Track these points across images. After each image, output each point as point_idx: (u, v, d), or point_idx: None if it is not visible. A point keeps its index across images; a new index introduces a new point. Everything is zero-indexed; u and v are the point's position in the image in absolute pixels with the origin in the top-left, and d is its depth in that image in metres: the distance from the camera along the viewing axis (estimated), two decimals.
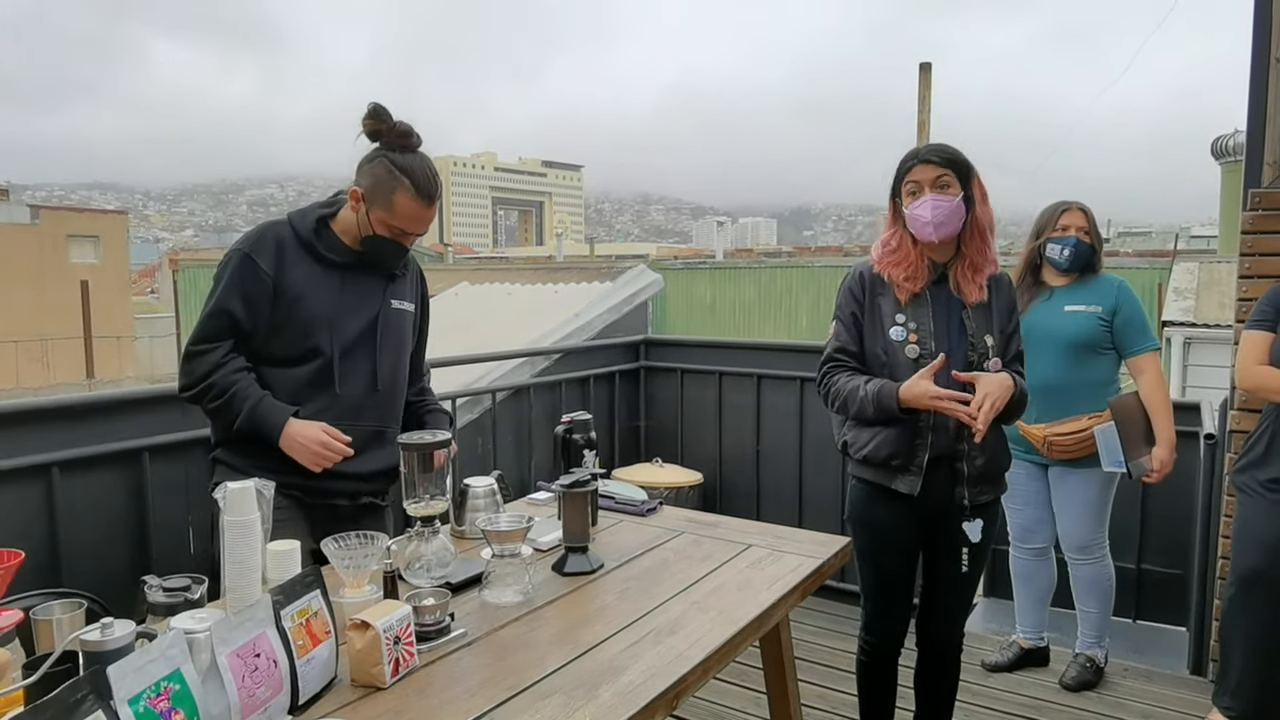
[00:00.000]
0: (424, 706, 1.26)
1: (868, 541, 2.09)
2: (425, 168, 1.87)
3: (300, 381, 1.89)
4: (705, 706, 2.72)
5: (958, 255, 1.99)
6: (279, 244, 1.88)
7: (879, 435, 1.98)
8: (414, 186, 1.83)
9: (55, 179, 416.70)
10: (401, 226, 1.88)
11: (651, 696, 1.29)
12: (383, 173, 1.84)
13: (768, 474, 3.81)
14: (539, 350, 3.82)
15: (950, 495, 1.99)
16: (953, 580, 2.07)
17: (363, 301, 1.95)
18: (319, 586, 1.36)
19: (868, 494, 2.05)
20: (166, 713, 1.06)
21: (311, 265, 1.90)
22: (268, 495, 1.54)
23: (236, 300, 1.85)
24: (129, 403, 2.30)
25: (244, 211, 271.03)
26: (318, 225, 1.92)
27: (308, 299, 1.88)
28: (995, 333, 2.00)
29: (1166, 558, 3.32)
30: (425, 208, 1.87)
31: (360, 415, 1.93)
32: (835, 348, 2.03)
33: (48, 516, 2.10)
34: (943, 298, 1.99)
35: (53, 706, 0.94)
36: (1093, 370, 2.72)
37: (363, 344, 1.94)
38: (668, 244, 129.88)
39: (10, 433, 2.08)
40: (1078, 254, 2.71)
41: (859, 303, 2.01)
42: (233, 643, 1.17)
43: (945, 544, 2.04)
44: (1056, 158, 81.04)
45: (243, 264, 1.86)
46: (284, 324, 1.87)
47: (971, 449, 1.97)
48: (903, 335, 1.96)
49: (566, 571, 1.78)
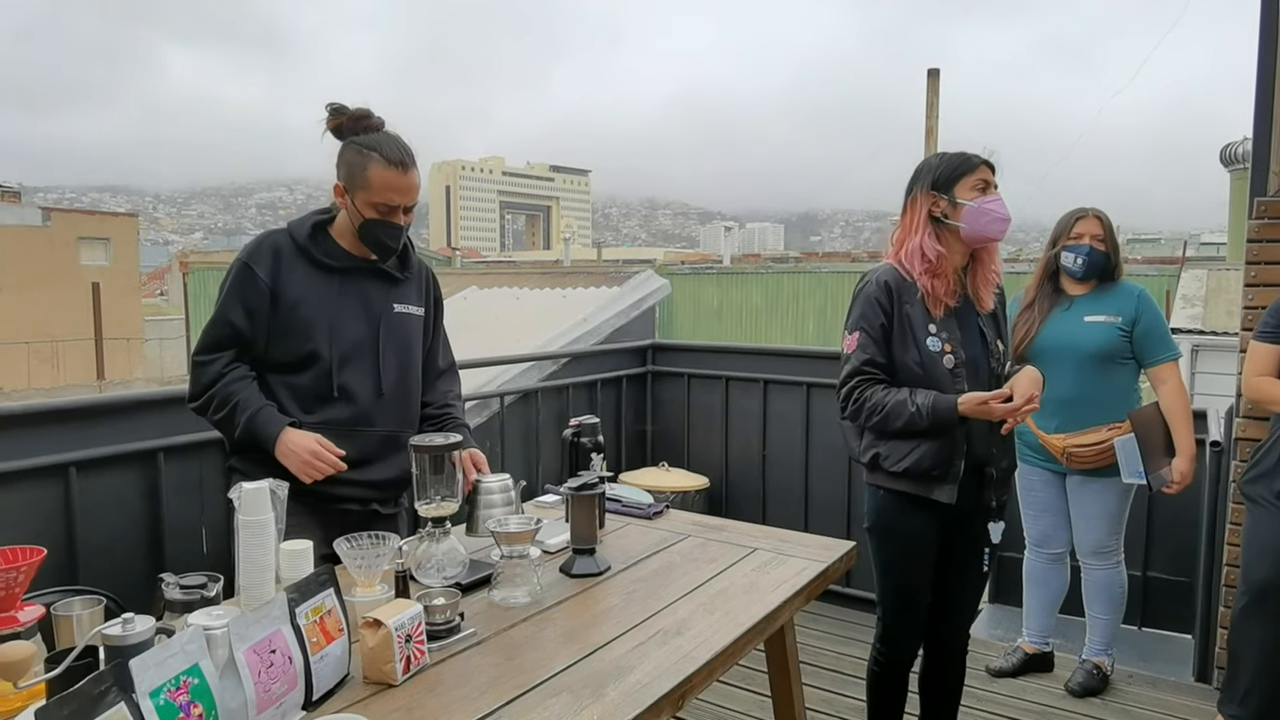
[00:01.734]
0: (434, 704, 1.29)
1: (896, 552, 2.06)
2: (392, 139, 1.87)
3: (304, 388, 1.89)
4: (711, 710, 2.74)
5: (973, 263, 2.01)
6: (275, 252, 1.89)
7: (919, 448, 1.94)
8: (384, 156, 1.83)
9: (66, 181, 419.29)
10: (383, 200, 1.85)
11: (658, 696, 1.31)
12: (352, 155, 1.86)
13: (773, 479, 3.83)
14: (547, 354, 3.85)
15: (977, 500, 2.00)
16: (970, 582, 2.09)
17: (363, 306, 1.94)
18: (333, 585, 1.38)
19: (897, 504, 2.01)
20: (186, 706, 1.08)
21: (309, 271, 1.90)
22: (282, 496, 1.57)
23: (237, 310, 1.87)
24: (145, 404, 2.33)
25: (253, 215, 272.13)
26: (314, 231, 1.93)
27: (305, 305, 1.88)
28: (1005, 338, 2.03)
29: (1173, 565, 3.32)
30: (401, 174, 1.85)
31: (369, 421, 1.93)
32: (863, 360, 1.96)
33: (65, 516, 2.14)
34: (964, 307, 2.00)
35: (78, 698, 0.97)
36: (1113, 381, 2.72)
37: (364, 349, 1.93)
38: (675, 249, 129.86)
39: (28, 433, 2.12)
40: (1091, 262, 2.72)
41: (886, 314, 1.95)
42: (249, 639, 1.20)
43: (964, 547, 2.05)
44: (1066, 164, 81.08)
45: (241, 273, 1.88)
46: (284, 331, 1.88)
47: (999, 453, 1.99)
48: (938, 346, 1.94)
49: (574, 573, 1.81)
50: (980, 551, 2.03)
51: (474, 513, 1.86)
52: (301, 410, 1.89)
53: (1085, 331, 2.71)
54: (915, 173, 2.02)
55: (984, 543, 2.03)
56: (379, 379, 1.94)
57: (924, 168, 2.00)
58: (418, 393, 2.06)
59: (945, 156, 2.00)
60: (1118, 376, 2.73)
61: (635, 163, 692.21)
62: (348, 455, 1.89)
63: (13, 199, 28.54)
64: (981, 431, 1.96)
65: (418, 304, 2.05)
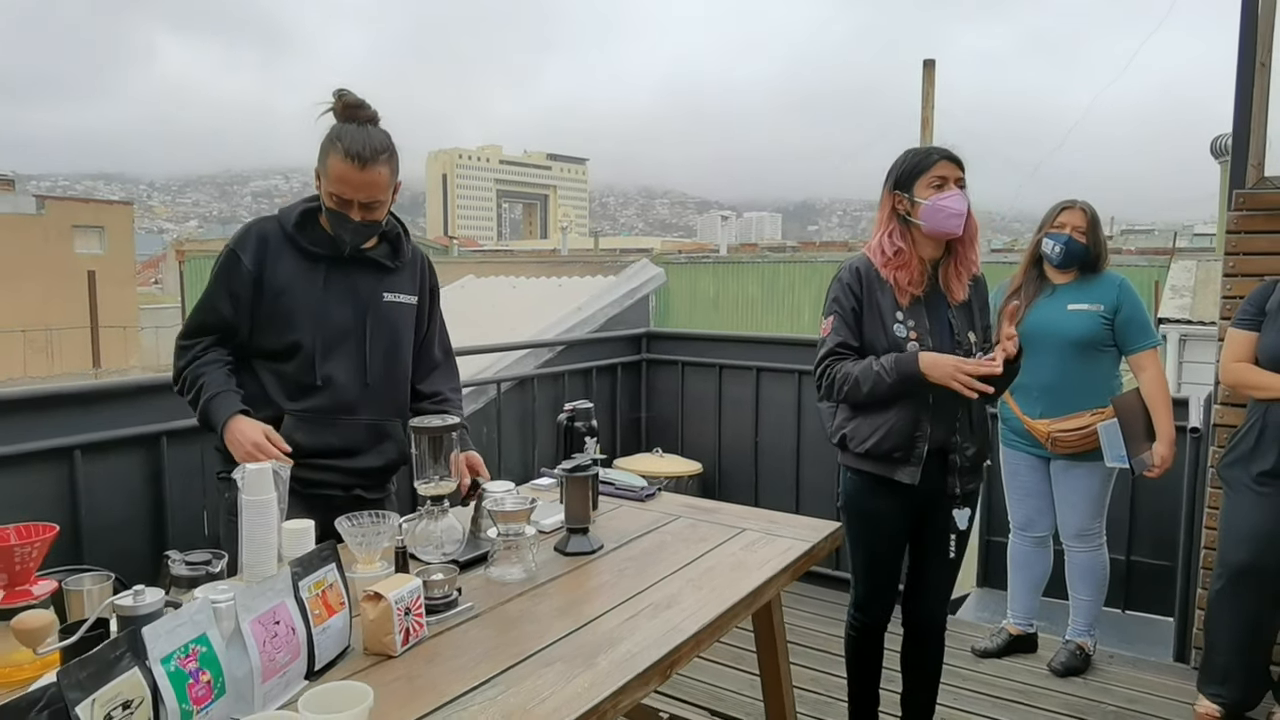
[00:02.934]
0: (432, 673, 1.34)
1: (861, 529, 2.17)
2: (364, 134, 1.83)
3: (288, 376, 1.90)
4: (702, 688, 2.81)
5: (947, 255, 2.07)
6: (262, 239, 1.90)
7: (881, 428, 2.04)
8: (345, 148, 1.80)
9: (60, 169, 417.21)
10: (337, 191, 1.83)
11: (646, 665, 1.37)
12: (325, 141, 1.85)
13: (766, 464, 3.90)
14: (543, 342, 3.91)
15: (942, 485, 2.07)
16: (938, 565, 2.17)
17: (350, 294, 1.93)
18: (335, 561, 1.44)
19: (864, 485, 2.12)
20: (195, 673, 1.14)
21: (295, 259, 1.90)
22: (284, 477, 1.62)
23: (222, 296, 1.89)
24: (147, 389, 2.39)
25: (248, 203, 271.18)
26: (301, 219, 1.91)
27: (289, 292, 1.88)
28: (977, 329, 2.09)
29: (1155, 549, 3.40)
30: (356, 169, 1.80)
31: (353, 410, 1.93)
32: (837, 342, 2.07)
33: (70, 497, 2.19)
34: (933, 297, 2.07)
35: (95, 661, 1.02)
36: (1095, 367, 2.79)
37: (349, 338, 1.93)
38: (672, 238, 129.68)
39: (34, 416, 2.17)
40: (1069, 252, 2.78)
41: (857, 299, 2.06)
42: (255, 610, 1.25)
43: (933, 531, 2.13)
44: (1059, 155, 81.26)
45: (227, 260, 1.89)
46: (268, 319, 1.89)
47: (964, 440, 2.05)
48: (904, 332, 2.03)
49: (568, 551, 1.86)
50: (947, 537, 2.10)
51: (479, 520, 1.87)
52: (286, 398, 1.90)
53: (1068, 319, 2.77)
54: (888, 170, 2.09)
55: (950, 529, 2.10)
56: (365, 368, 1.94)
57: (892, 166, 2.08)
58: (406, 382, 2.05)
59: (907, 155, 2.06)
60: (1100, 363, 2.80)
61: (631, 150, 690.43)
62: (332, 444, 1.89)
63: (6, 187, 28.43)
64: (944, 416, 2.03)
65: (410, 292, 2.04)
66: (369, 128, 1.86)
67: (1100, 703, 2.76)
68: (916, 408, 2.01)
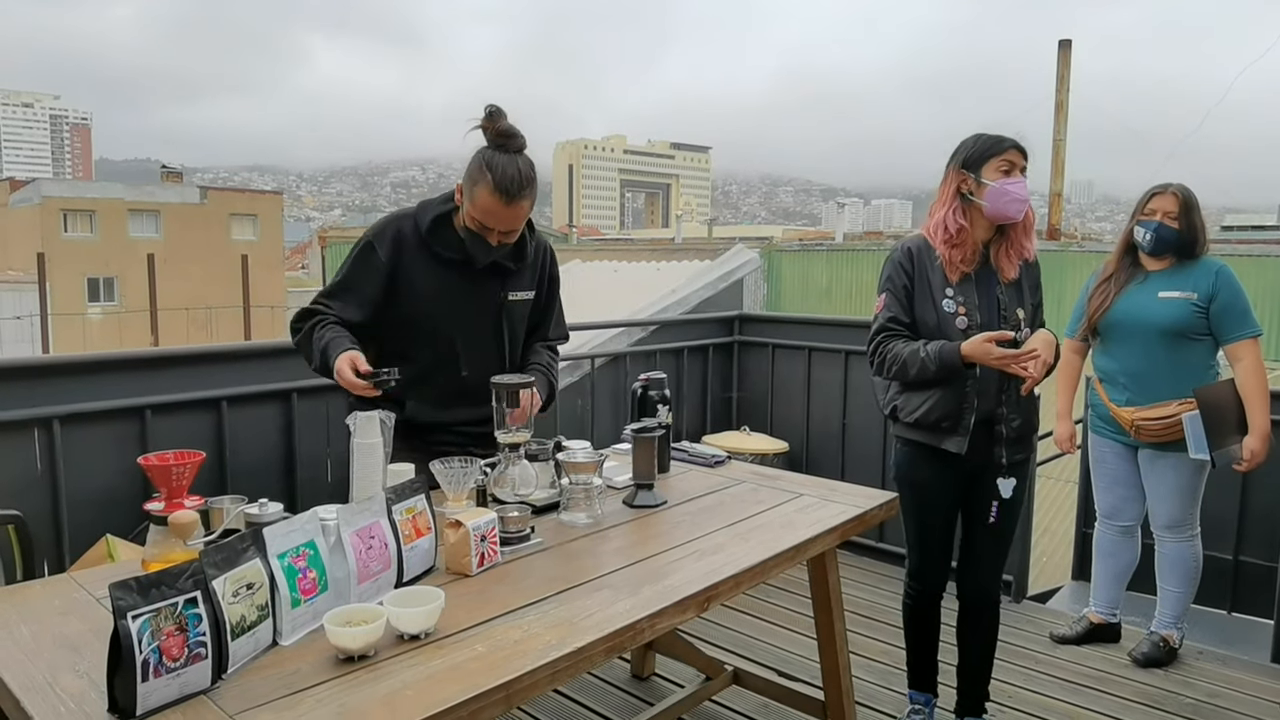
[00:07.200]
0: (500, 591, 1.56)
1: (913, 498, 2.27)
2: (514, 167, 1.90)
3: (412, 373, 1.98)
4: (773, 651, 2.96)
5: (998, 236, 2.14)
6: (398, 237, 2.03)
7: (929, 399, 2.14)
8: (495, 182, 1.88)
9: (221, 162, 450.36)
10: (480, 219, 1.94)
11: (684, 595, 1.54)
12: (474, 167, 1.93)
13: (852, 445, 3.97)
14: (638, 321, 4.10)
15: (989, 455, 2.15)
16: (985, 533, 2.24)
17: (477, 296, 2.07)
18: (424, 492, 1.67)
19: (914, 455, 2.23)
20: (303, 569, 1.39)
21: (427, 261, 2.03)
22: (389, 424, 1.87)
23: (353, 280, 2.04)
24: (283, 351, 2.72)
25: (388, 193, 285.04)
26: (434, 224, 2.03)
27: (418, 292, 2.02)
28: (1027, 306, 2.15)
29: (1265, 550, 3.27)
30: (502, 204, 1.90)
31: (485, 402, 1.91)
32: (888, 318, 2.19)
33: (217, 440, 2.56)
34: (984, 275, 2.15)
35: (227, 549, 1.29)
36: (1186, 356, 2.73)
37: (484, 336, 2.08)
38: (795, 226, 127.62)
39: (190, 370, 2.56)
40: (1160, 238, 2.73)
41: (909, 276, 2.17)
42: (354, 525, 1.50)
43: (980, 500, 2.21)
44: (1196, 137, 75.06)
45: (364, 250, 2.05)
46: (395, 315, 2.03)
47: (1010, 412, 2.12)
48: (953, 308, 2.13)
49: (634, 504, 2.05)
50: (988, 504, 2.18)
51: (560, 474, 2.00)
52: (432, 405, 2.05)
53: (1158, 307, 2.73)
54: (954, 150, 2.15)
55: (993, 495, 2.17)
56: (504, 361, 2.11)
57: (961, 146, 2.15)
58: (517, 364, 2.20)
59: (979, 138, 2.14)
60: (1191, 352, 2.73)
61: (753, 137, 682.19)
62: (455, 419, 2.09)
63: (176, 179, 31.14)
64: (989, 388, 2.11)
65: (529, 287, 2.18)
66: (517, 159, 1.93)
67: (1178, 694, 2.72)
68: (963, 380, 2.09)
